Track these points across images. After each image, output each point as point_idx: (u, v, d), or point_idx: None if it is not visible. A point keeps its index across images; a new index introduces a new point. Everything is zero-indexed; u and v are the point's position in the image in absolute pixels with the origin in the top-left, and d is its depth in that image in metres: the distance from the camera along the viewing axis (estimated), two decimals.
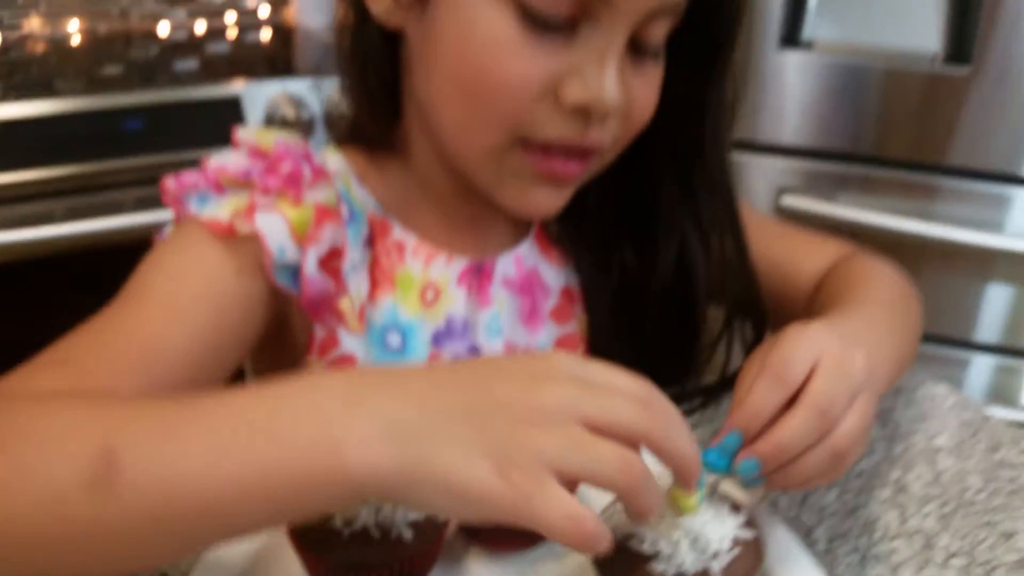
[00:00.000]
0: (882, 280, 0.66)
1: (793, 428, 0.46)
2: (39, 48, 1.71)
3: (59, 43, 1.74)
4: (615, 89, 0.52)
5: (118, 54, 1.69)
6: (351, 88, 0.63)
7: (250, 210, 0.55)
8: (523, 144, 0.55)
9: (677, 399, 0.62)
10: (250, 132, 0.60)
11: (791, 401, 0.46)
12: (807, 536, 0.56)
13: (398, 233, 0.63)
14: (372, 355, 0.62)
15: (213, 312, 0.54)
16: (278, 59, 1.78)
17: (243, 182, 0.57)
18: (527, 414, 0.38)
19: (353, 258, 0.59)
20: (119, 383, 0.48)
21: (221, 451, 0.37)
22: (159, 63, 1.66)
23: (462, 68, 0.54)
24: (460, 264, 0.64)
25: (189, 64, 1.67)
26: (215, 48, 1.76)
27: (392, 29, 0.58)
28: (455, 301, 0.64)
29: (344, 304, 0.59)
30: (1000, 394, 1.44)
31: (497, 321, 0.65)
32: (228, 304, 0.55)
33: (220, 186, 0.57)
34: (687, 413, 0.66)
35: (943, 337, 1.43)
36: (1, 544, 0.38)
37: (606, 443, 0.38)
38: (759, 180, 1.45)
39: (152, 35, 1.81)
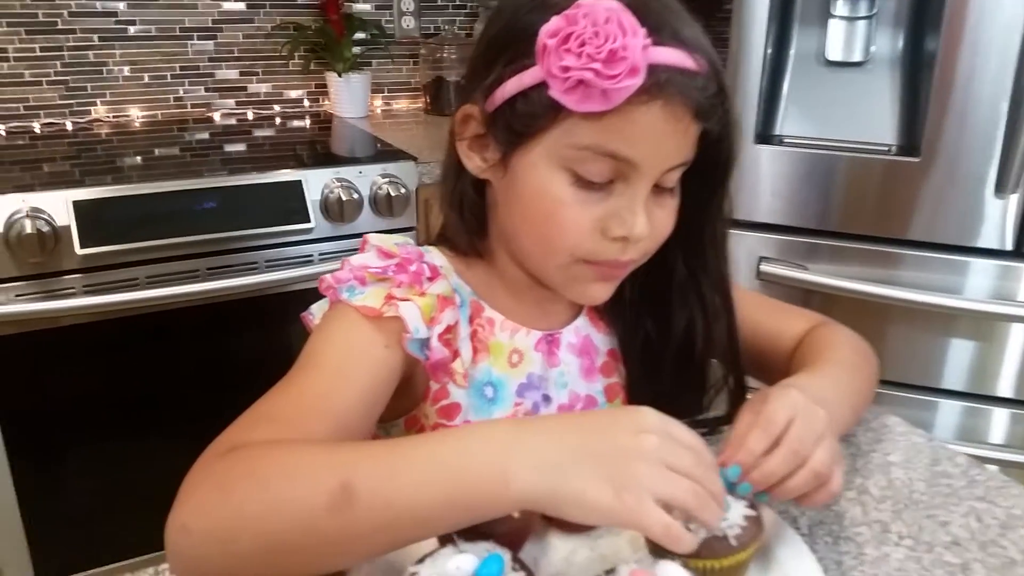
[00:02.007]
0: (845, 345, 0.86)
1: (775, 462, 0.66)
2: (104, 131, 1.93)
3: (122, 127, 1.96)
4: (645, 225, 0.71)
5: (174, 137, 1.91)
6: (450, 215, 0.83)
7: (390, 299, 0.73)
8: (583, 261, 0.75)
9: (693, 426, 0.83)
10: (377, 238, 0.80)
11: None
12: (793, 523, 0.75)
13: (489, 312, 0.82)
14: (472, 403, 0.80)
15: (371, 375, 0.72)
16: (318, 143, 2.01)
17: (381, 277, 0.76)
18: (633, 454, 0.56)
19: (462, 332, 0.80)
20: (315, 432, 0.65)
21: (427, 483, 0.55)
22: (212, 146, 1.88)
23: (535, 214, 0.74)
24: (536, 335, 0.84)
25: (239, 147, 1.89)
26: (263, 133, 1.98)
27: (481, 178, 0.78)
28: (534, 362, 0.84)
29: (456, 365, 0.79)
30: (967, 434, 1.65)
31: (563, 377, 0.86)
32: (379, 368, 0.73)
33: (363, 280, 0.75)
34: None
35: (913, 384, 1.65)
36: (271, 548, 0.56)
37: (681, 478, 0.56)
38: (741, 251, 1.68)
39: (205, 120, 2.03)
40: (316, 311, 0.80)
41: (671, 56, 0.68)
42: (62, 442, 1.52)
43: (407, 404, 0.81)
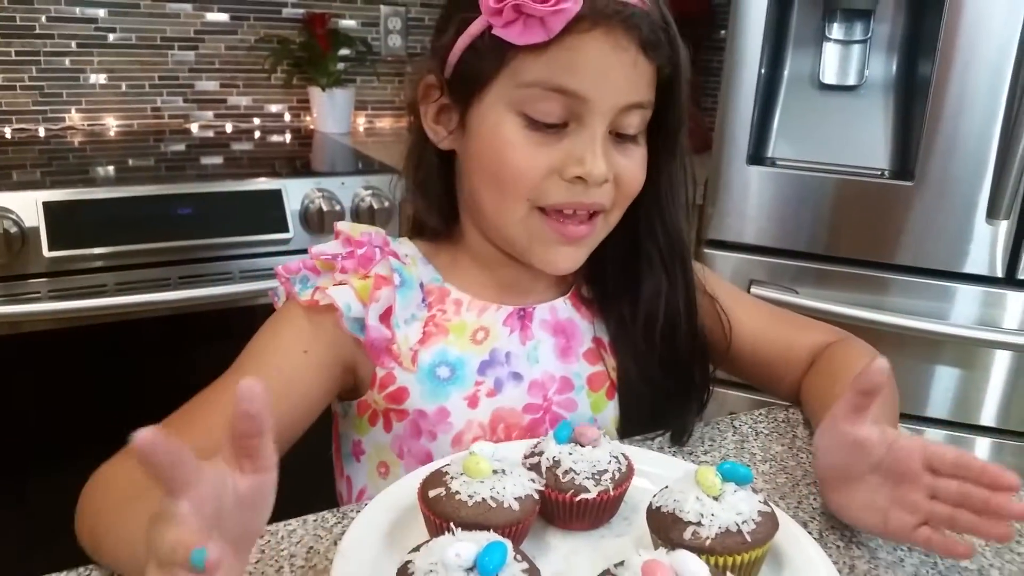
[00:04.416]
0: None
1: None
2: (77, 139, 1.87)
3: (97, 135, 1.91)
4: (602, 163, 0.72)
5: (150, 148, 1.86)
6: (417, 195, 0.83)
7: (324, 288, 0.74)
8: (540, 210, 0.74)
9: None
10: (346, 226, 0.80)
11: None
12: (804, 527, 0.71)
13: (456, 294, 0.81)
14: (424, 387, 0.78)
15: (283, 376, 0.72)
16: (299, 156, 1.96)
17: (329, 264, 0.76)
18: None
19: (403, 314, 0.77)
20: (202, 428, 0.66)
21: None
22: (188, 157, 1.83)
23: (490, 162, 0.74)
24: (507, 310, 0.82)
25: (215, 159, 1.84)
26: (241, 146, 1.94)
27: (446, 150, 0.78)
28: (500, 338, 0.81)
29: (399, 348, 0.77)
30: None
31: (536, 352, 0.82)
32: (294, 370, 0.73)
33: (316, 270, 0.77)
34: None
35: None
36: None
37: None
38: (731, 273, 1.65)
39: (182, 132, 1.98)
40: (281, 293, 0.80)
41: None
42: (20, 454, 1.44)
43: (360, 387, 0.80)
